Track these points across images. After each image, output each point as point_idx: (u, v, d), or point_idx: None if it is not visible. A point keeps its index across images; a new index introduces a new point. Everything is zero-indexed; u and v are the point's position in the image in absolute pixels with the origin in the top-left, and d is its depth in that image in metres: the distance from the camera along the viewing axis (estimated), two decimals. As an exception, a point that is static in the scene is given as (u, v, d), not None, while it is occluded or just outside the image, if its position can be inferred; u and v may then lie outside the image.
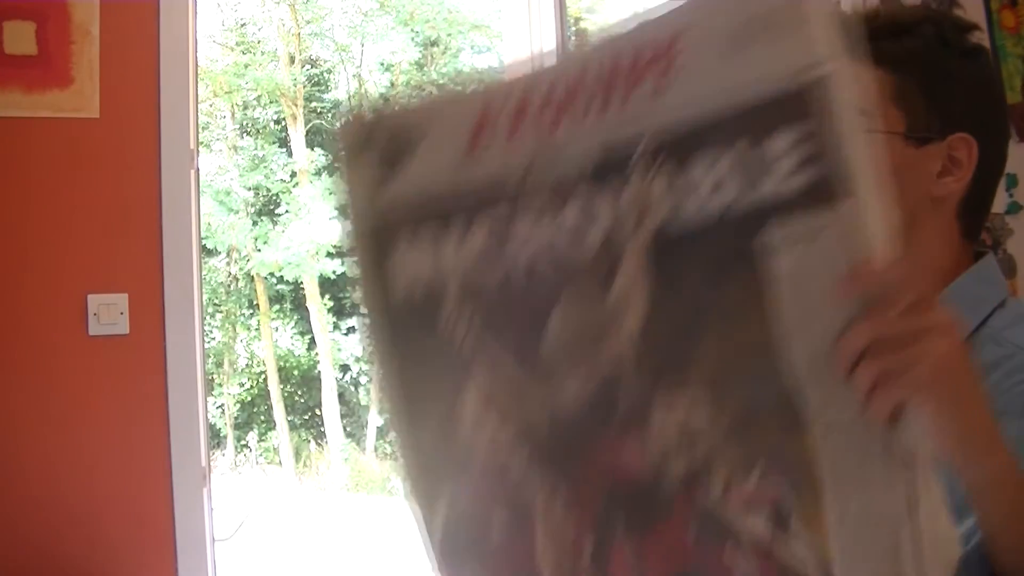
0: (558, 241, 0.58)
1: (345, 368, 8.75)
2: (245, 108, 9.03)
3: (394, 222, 0.61)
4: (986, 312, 0.80)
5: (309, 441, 8.64)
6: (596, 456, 0.59)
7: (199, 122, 2.10)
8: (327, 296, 8.71)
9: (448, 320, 0.61)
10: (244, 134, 9.04)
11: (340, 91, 9.45)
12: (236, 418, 8.62)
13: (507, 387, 0.61)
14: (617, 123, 0.56)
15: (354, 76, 9.43)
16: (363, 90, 9.01)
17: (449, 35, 9.37)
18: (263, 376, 8.66)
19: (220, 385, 8.46)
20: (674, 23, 0.55)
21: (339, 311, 8.66)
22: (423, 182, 0.59)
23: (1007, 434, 0.69)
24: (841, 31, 0.53)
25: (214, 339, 8.50)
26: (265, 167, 8.74)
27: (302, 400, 8.89)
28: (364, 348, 0.64)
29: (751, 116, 0.54)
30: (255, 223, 8.69)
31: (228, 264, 8.87)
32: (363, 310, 0.63)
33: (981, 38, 0.86)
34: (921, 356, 0.53)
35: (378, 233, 0.62)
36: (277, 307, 8.90)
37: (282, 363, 8.74)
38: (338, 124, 0.60)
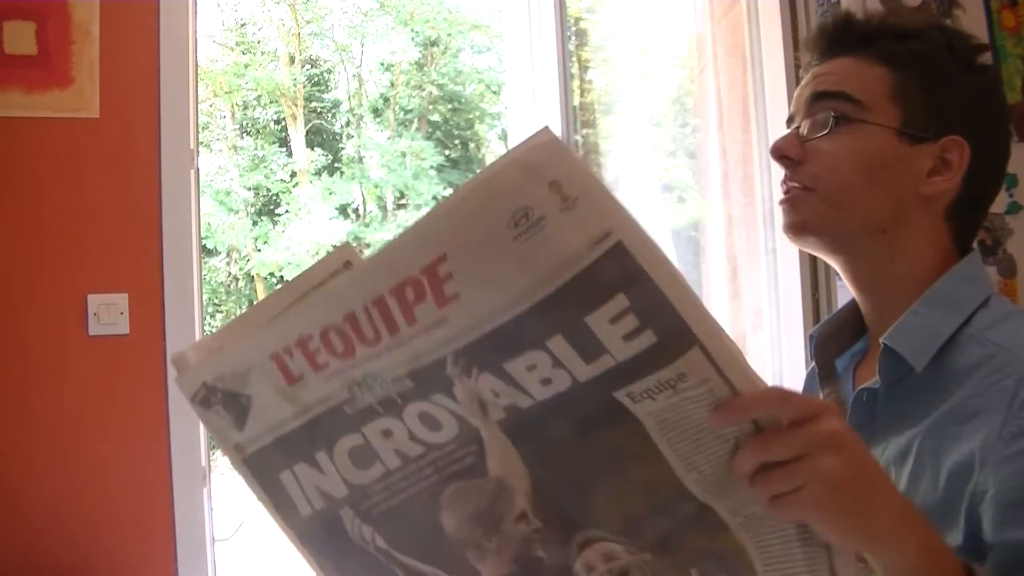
0: (416, 430, 0.58)
1: (345, 368, 8.73)
2: (245, 108, 9.03)
3: (266, 454, 0.62)
4: (968, 312, 0.80)
5: (309, 441, 8.62)
6: None
7: (199, 122, 2.10)
8: (327, 296, 8.70)
9: (353, 533, 0.62)
10: (244, 134, 9.04)
11: (340, 91, 9.45)
12: (236, 418, 8.60)
13: None
14: (411, 351, 0.55)
15: (354, 76, 9.43)
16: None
17: (449, 35, 9.37)
18: (263, 376, 8.64)
19: (220, 385, 8.44)
20: (425, 250, 0.52)
21: (339, 311, 8.64)
22: (269, 420, 0.60)
23: (985, 431, 0.69)
24: (610, 193, 0.51)
25: (214, 339, 8.48)
26: (265, 167, 8.74)
27: (302, 400, 8.87)
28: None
29: (557, 308, 0.52)
30: (255, 223, 8.70)
31: (228, 264, 8.86)
32: (278, 526, 0.64)
33: (987, 59, 0.87)
34: (806, 477, 0.54)
35: (257, 465, 0.62)
36: (277, 307, 8.88)
37: (282, 363, 8.71)
38: (176, 380, 0.62)
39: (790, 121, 0.89)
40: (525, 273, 0.51)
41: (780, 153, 0.85)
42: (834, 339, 0.92)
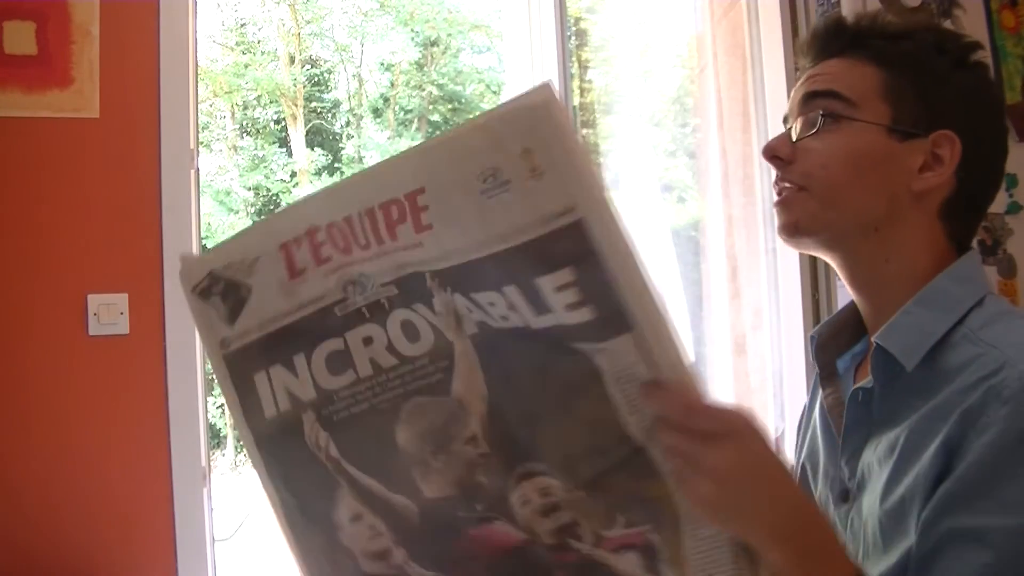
0: (395, 339, 0.61)
1: (345, 368, 8.73)
2: (245, 108, 9.02)
3: (248, 352, 0.65)
4: (962, 312, 0.80)
5: (309, 441, 8.63)
6: (470, 543, 0.63)
7: (199, 122, 2.10)
8: (327, 296, 8.70)
9: (310, 438, 0.64)
10: (244, 134, 9.04)
11: (340, 91, 9.45)
12: (236, 418, 8.60)
13: (372, 499, 0.64)
14: (396, 260, 0.59)
15: (354, 76, 9.43)
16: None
17: (449, 35, 9.37)
18: (263, 376, 8.64)
19: (220, 385, 8.44)
20: (410, 178, 0.56)
21: (339, 311, 8.65)
22: (264, 314, 0.64)
23: (962, 426, 0.70)
24: (587, 171, 0.52)
25: (214, 339, 8.48)
26: (265, 167, 8.74)
27: (302, 400, 8.88)
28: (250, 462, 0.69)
29: (511, 263, 0.55)
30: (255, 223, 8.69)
31: (228, 264, 8.85)
32: (239, 430, 0.67)
33: (983, 56, 0.87)
34: (701, 470, 0.57)
35: (235, 363, 0.66)
36: (277, 307, 8.89)
37: (282, 363, 8.72)
38: (180, 272, 0.66)
39: (785, 121, 0.90)
40: (484, 226, 0.54)
41: (771, 153, 0.86)
42: (835, 340, 0.92)
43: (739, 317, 2.40)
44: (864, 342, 0.91)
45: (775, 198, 0.87)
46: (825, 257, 0.89)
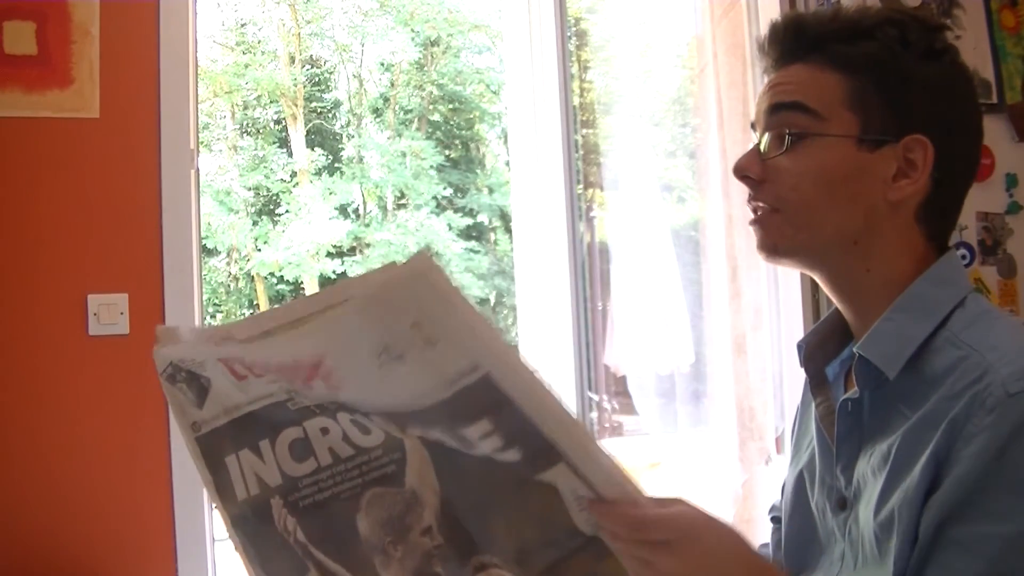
0: (348, 431, 0.63)
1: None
2: (245, 108, 9.02)
3: (217, 435, 0.68)
4: (943, 314, 0.79)
5: (309, 441, 8.61)
6: None
7: (199, 122, 2.10)
8: (327, 296, 8.69)
9: (278, 523, 0.67)
10: (244, 134, 9.04)
11: (340, 91, 9.45)
12: (236, 418, 8.59)
13: None
14: (322, 394, 0.60)
15: (354, 76, 9.43)
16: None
17: (449, 35, 9.37)
18: (263, 376, 8.63)
19: (220, 385, 8.43)
20: (310, 348, 0.57)
21: (339, 311, 8.64)
22: (225, 402, 0.66)
23: (950, 434, 0.71)
24: (481, 328, 0.53)
25: (214, 339, 8.47)
26: (265, 167, 8.74)
27: (302, 400, 8.87)
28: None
29: (429, 417, 0.56)
30: (255, 223, 8.69)
31: (228, 264, 8.86)
32: (216, 509, 0.70)
33: (951, 38, 0.84)
34: (654, 572, 0.61)
35: (207, 445, 0.68)
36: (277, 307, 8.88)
37: (282, 363, 8.71)
38: (153, 358, 0.68)
39: (753, 128, 0.88)
40: (392, 393, 0.56)
41: (742, 172, 0.84)
42: (822, 348, 0.91)
43: (739, 317, 2.40)
44: (851, 349, 0.90)
45: (750, 215, 0.86)
46: (808, 273, 0.88)
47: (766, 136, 0.84)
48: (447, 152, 9.49)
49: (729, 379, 2.38)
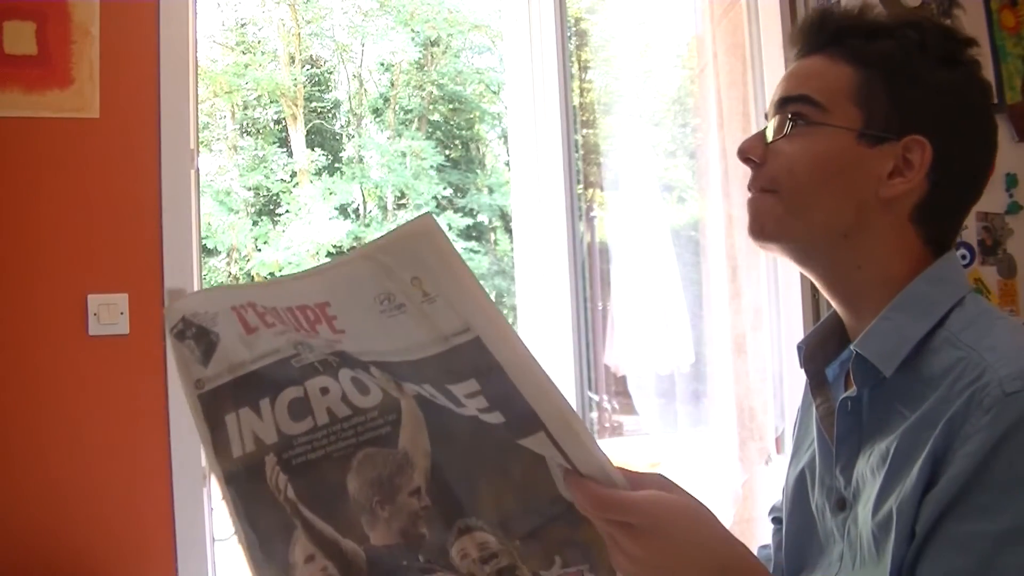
0: (348, 391, 0.66)
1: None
2: (245, 108, 9.02)
3: (220, 393, 0.70)
4: (940, 314, 0.79)
5: (309, 441, 8.61)
6: None
7: (199, 122, 2.10)
8: (327, 296, 8.69)
9: (270, 480, 0.69)
10: (244, 134, 9.04)
11: (340, 91, 9.45)
12: (236, 418, 8.59)
13: (324, 542, 0.69)
14: (327, 341, 0.63)
15: (354, 76, 9.43)
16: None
17: (449, 35, 9.37)
18: (263, 376, 8.63)
19: (220, 385, 8.43)
20: (316, 293, 0.59)
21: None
22: (231, 359, 0.69)
23: (948, 434, 0.71)
24: (475, 293, 0.55)
25: (214, 339, 8.47)
26: (265, 167, 8.74)
27: (302, 400, 8.87)
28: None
29: (421, 370, 0.58)
30: (255, 223, 8.69)
31: (228, 264, 8.86)
32: (210, 466, 0.72)
33: (976, 53, 0.85)
34: (620, 550, 0.63)
35: (209, 403, 0.70)
36: (277, 307, 8.88)
37: (282, 363, 8.71)
38: (164, 311, 0.70)
39: (767, 118, 0.89)
40: (389, 339, 0.57)
41: (744, 154, 0.86)
42: (822, 348, 0.92)
43: (739, 317, 2.40)
44: (849, 349, 0.90)
45: (749, 192, 0.87)
46: (800, 268, 0.88)
47: (772, 122, 0.85)
48: (447, 152, 9.49)
49: (729, 379, 2.38)
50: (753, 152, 0.85)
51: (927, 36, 0.83)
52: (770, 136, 0.85)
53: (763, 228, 0.85)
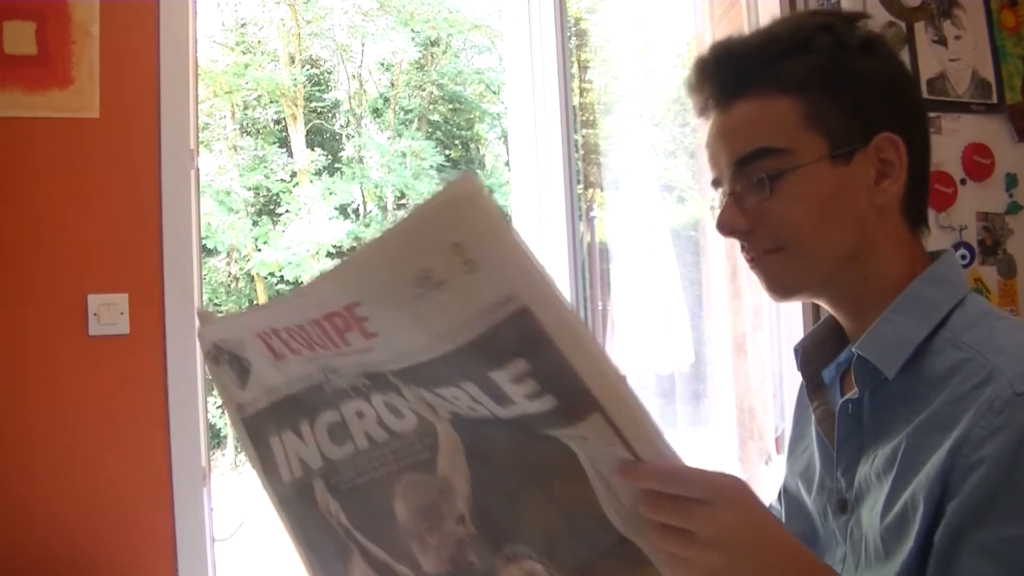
0: (383, 415, 0.63)
1: (345, 368, 8.72)
2: (245, 108, 9.02)
3: (261, 417, 0.68)
4: (940, 315, 0.79)
5: (309, 441, 8.61)
6: None
7: (199, 122, 2.10)
8: (327, 296, 8.69)
9: (321, 505, 0.68)
10: (244, 134, 9.04)
11: (340, 91, 9.45)
12: (236, 418, 8.59)
13: (380, 566, 0.67)
14: (356, 361, 0.59)
15: (354, 76, 9.43)
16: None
17: (449, 35, 9.38)
18: (263, 376, 8.63)
19: (220, 385, 8.43)
20: (344, 293, 0.54)
21: (339, 311, 8.64)
22: (266, 384, 0.66)
23: (957, 438, 0.70)
24: (523, 255, 0.50)
25: (214, 339, 8.47)
26: (265, 167, 8.74)
27: (302, 400, 8.87)
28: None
29: (462, 362, 0.53)
30: (255, 223, 8.69)
31: (228, 264, 8.86)
32: (264, 490, 0.71)
33: (870, 25, 0.83)
34: (699, 540, 0.58)
35: (253, 427, 0.69)
36: (277, 307, 8.87)
37: (282, 363, 8.71)
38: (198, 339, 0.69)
39: (716, 184, 0.86)
40: (426, 329, 0.53)
41: (729, 229, 0.83)
42: (819, 352, 0.91)
43: (739, 317, 2.40)
44: (848, 352, 0.89)
45: (747, 261, 0.85)
46: (814, 301, 0.88)
47: (740, 187, 0.83)
48: (447, 152, 9.49)
49: (729, 379, 2.38)
50: (738, 223, 0.83)
51: (838, 34, 0.81)
52: (747, 202, 0.82)
53: (784, 286, 0.83)
